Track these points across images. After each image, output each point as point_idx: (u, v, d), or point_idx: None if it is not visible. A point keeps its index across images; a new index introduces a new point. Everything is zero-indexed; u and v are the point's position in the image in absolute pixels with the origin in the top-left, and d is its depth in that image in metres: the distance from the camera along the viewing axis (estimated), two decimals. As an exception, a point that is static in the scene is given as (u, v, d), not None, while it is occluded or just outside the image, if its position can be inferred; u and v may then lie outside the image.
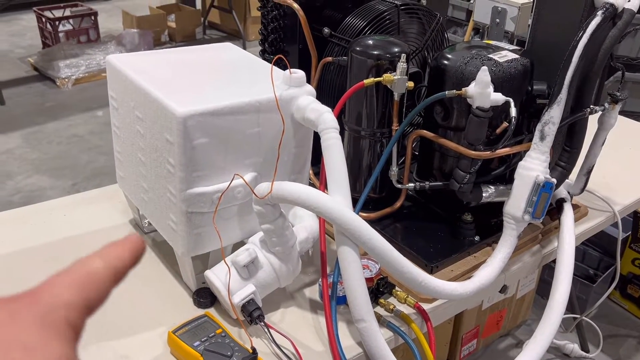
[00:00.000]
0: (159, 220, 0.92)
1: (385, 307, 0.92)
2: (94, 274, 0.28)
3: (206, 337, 0.80)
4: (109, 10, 5.48)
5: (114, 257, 0.29)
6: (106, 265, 0.29)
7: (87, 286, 0.28)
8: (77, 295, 0.27)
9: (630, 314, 2.06)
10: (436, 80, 1.01)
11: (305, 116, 0.86)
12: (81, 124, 3.38)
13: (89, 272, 0.28)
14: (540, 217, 0.94)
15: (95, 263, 0.29)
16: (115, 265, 0.29)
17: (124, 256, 0.30)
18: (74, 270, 0.28)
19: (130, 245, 0.30)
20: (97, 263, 0.29)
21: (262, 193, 0.81)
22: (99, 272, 0.28)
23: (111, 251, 0.30)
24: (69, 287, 0.27)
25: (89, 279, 0.28)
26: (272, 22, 1.15)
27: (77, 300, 0.27)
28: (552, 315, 0.99)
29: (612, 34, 0.94)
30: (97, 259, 0.29)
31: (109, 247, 0.30)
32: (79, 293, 0.27)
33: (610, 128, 1.07)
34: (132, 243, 0.30)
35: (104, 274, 0.28)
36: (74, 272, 0.28)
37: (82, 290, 0.27)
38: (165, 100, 0.79)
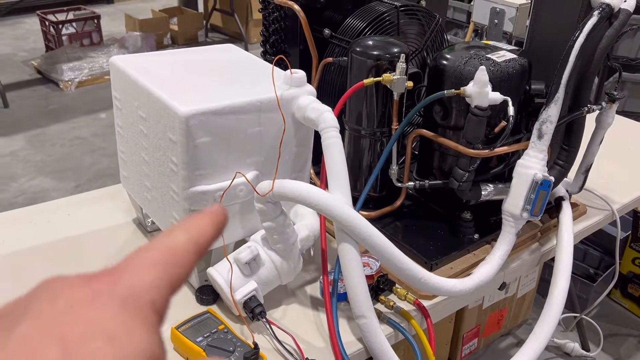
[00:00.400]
0: (162, 218, 0.93)
1: (386, 304, 0.93)
2: (177, 248, 0.26)
3: (209, 333, 0.81)
4: (111, 13, 5.51)
5: (196, 229, 0.27)
6: (189, 238, 0.27)
7: (170, 263, 0.26)
8: (162, 275, 0.25)
9: (630, 313, 2.06)
10: (435, 80, 1.02)
11: (305, 115, 0.88)
12: (84, 127, 3.40)
13: (172, 247, 0.26)
14: (538, 215, 0.95)
15: (178, 237, 0.27)
16: (198, 237, 0.27)
17: (207, 228, 0.28)
18: (155, 246, 0.26)
19: (212, 217, 0.28)
20: (179, 237, 0.27)
21: (263, 191, 0.82)
22: (182, 247, 0.26)
23: (193, 224, 0.28)
24: (153, 266, 0.25)
25: (173, 255, 0.26)
26: (273, 23, 1.17)
27: (161, 280, 0.25)
28: (551, 312, 1.00)
29: (609, 33, 0.95)
30: (179, 232, 0.27)
31: (191, 219, 0.28)
32: (163, 272, 0.25)
33: (607, 127, 1.08)
34: (214, 214, 0.28)
35: (187, 248, 0.27)
36: (156, 248, 0.26)
37: (166, 268, 0.25)
38: (168, 100, 0.81)
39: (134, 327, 0.23)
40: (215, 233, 0.28)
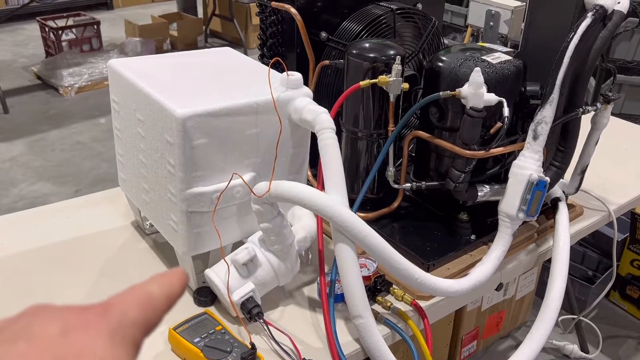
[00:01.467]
0: (160, 220, 0.94)
1: (383, 305, 0.94)
2: (153, 297, 0.30)
3: (206, 334, 0.82)
4: (111, 19, 5.53)
5: (167, 283, 0.31)
6: (162, 290, 0.30)
7: (148, 307, 0.29)
8: (142, 315, 0.29)
9: (629, 314, 2.07)
10: (431, 81, 1.03)
11: (302, 117, 0.88)
12: (84, 132, 3.41)
13: (149, 295, 0.30)
14: (534, 216, 0.96)
15: (153, 287, 0.30)
16: (169, 291, 0.31)
17: (175, 284, 0.31)
18: (136, 291, 0.30)
19: (178, 275, 0.32)
20: (154, 287, 0.30)
21: (260, 192, 0.83)
22: (157, 296, 0.30)
23: (164, 278, 0.31)
24: (135, 306, 0.29)
25: (150, 301, 0.30)
26: (270, 27, 1.18)
27: (141, 319, 0.29)
28: (548, 313, 1.00)
29: (603, 35, 0.96)
30: (153, 283, 0.31)
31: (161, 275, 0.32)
32: (143, 313, 0.29)
33: (603, 128, 1.09)
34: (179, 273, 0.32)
35: (160, 298, 0.30)
36: (136, 293, 0.30)
37: (145, 310, 0.29)
38: (165, 102, 0.81)
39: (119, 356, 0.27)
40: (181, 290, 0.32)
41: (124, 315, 0.28)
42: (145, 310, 0.29)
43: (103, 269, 1.03)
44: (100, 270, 1.02)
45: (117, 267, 1.03)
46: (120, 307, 0.29)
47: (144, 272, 1.02)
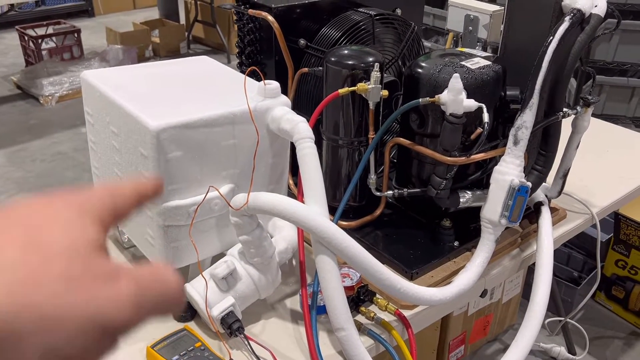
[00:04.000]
0: (137, 234, 0.92)
1: (366, 315, 0.92)
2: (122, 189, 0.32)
3: (185, 351, 0.80)
4: (92, 27, 5.48)
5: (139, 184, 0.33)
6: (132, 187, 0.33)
7: (117, 196, 0.32)
8: (108, 199, 0.31)
9: (615, 315, 2.07)
10: (410, 88, 1.02)
11: (280, 127, 0.87)
12: (65, 141, 3.36)
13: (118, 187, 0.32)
14: (516, 221, 0.95)
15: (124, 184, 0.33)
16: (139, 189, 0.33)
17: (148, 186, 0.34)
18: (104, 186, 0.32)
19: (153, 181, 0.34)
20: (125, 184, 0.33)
21: (238, 204, 0.81)
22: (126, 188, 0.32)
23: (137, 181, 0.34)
24: (101, 190, 0.31)
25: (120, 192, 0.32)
26: (248, 34, 1.16)
27: (109, 203, 0.31)
28: (533, 318, 1.00)
29: (581, 38, 0.95)
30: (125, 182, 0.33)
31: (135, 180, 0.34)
32: (109, 197, 0.31)
33: (583, 131, 1.08)
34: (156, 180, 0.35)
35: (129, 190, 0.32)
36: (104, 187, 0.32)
37: (113, 197, 0.31)
38: (139, 114, 0.80)
39: (87, 224, 0.28)
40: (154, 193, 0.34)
41: (90, 196, 0.30)
42: (113, 197, 0.31)
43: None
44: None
45: (94, 282, 1.01)
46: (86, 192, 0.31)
47: (122, 287, 1.00)
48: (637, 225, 1.93)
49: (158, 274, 0.29)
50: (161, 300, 0.29)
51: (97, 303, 0.26)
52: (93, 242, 0.28)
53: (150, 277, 0.29)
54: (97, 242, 0.28)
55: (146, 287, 0.28)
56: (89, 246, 0.27)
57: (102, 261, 0.28)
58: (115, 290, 0.27)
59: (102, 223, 0.30)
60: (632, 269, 1.99)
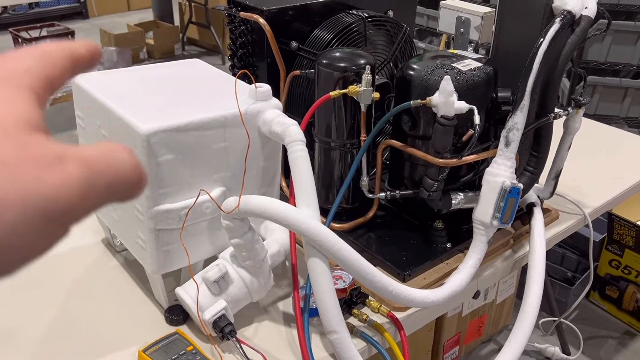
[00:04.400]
0: (129, 238, 0.91)
1: (359, 317, 0.92)
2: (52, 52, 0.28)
3: (177, 355, 0.79)
4: (86, 29, 5.47)
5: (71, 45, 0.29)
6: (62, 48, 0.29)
7: (46, 60, 0.28)
8: (39, 65, 0.27)
9: (609, 314, 2.08)
10: (402, 90, 1.02)
11: (271, 129, 0.87)
12: (59, 144, 3.35)
13: (47, 50, 0.28)
14: (508, 223, 0.95)
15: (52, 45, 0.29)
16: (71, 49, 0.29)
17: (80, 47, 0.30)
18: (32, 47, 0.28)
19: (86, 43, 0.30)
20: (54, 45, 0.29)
21: (229, 208, 0.81)
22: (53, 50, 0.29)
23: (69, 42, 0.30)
24: (30, 57, 0.27)
25: (48, 55, 0.28)
26: (240, 37, 1.16)
27: (38, 70, 0.27)
28: (526, 318, 1.00)
29: (571, 40, 0.96)
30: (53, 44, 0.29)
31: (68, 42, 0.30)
32: (40, 63, 0.27)
33: (575, 132, 1.09)
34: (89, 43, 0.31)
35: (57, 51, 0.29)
36: (32, 48, 0.28)
37: (42, 61, 0.28)
38: (129, 118, 0.79)
39: (15, 98, 0.25)
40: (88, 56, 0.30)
41: (18, 63, 0.27)
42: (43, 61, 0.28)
43: (72, 287, 1.00)
44: (69, 290, 0.99)
45: (86, 285, 1.01)
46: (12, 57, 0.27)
47: (114, 290, 0.99)
48: (630, 225, 1.93)
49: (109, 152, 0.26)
50: (115, 182, 0.26)
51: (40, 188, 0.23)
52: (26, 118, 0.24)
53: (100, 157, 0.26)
54: (32, 117, 0.25)
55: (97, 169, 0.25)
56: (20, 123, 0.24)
57: (40, 141, 0.24)
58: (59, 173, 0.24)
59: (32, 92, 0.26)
60: (626, 268, 2.00)
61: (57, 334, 0.90)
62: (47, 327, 0.91)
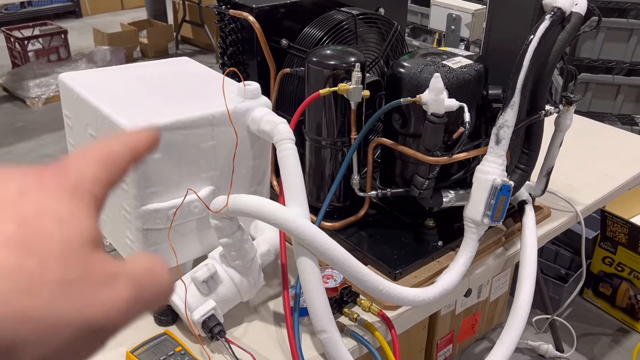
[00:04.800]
0: (117, 238, 0.91)
1: (350, 317, 0.92)
2: (114, 153, 0.29)
3: (165, 356, 0.79)
4: (80, 28, 5.44)
5: (133, 139, 0.30)
6: (125, 144, 0.30)
7: (109, 162, 0.29)
8: (101, 171, 0.28)
9: (603, 312, 2.08)
10: (393, 88, 1.02)
11: (260, 128, 0.86)
12: (52, 144, 3.33)
13: (110, 151, 0.29)
14: (499, 220, 0.95)
15: (115, 144, 0.30)
16: (134, 146, 0.30)
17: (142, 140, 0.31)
18: (96, 148, 0.29)
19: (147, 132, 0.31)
20: (117, 144, 0.30)
21: (217, 207, 0.80)
22: (119, 151, 0.29)
23: (130, 135, 0.31)
24: (94, 163, 0.28)
25: (111, 156, 0.29)
26: (230, 35, 1.15)
27: (101, 175, 0.28)
28: (518, 316, 1.00)
29: (562, 37, 0.95)
30: (117, 141, 0.30)
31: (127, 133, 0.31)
32: (102, 168, 0.28)
33: (566, 129, 1.08)
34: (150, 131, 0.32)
35: (124, 153, 0.30)
36: (96, 150, 0.29)
37: (105, 165, 0.29)
38: (115, 117, 0.79)
39: (79, 213, 0.26)
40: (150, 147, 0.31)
41: (82, 172, 0.28)
42: (106, 165, 0.29)
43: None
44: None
45: (75, 287, 1.00)
46: (77, 165, 0.28)
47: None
48: (623, 222, 1.94)
49: (154, 272, 0.28)
50: (153, 300, 0.28)
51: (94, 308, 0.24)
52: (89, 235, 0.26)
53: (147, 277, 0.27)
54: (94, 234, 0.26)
55: (143, 288, 0.27)
56: (85, 241, 0.25)
57: (99, 259, 0.26)
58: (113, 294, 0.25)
59: (95, 202, 0.28)
60: (619, 265, 2.00)
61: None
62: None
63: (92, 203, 0.27)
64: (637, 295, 1.97)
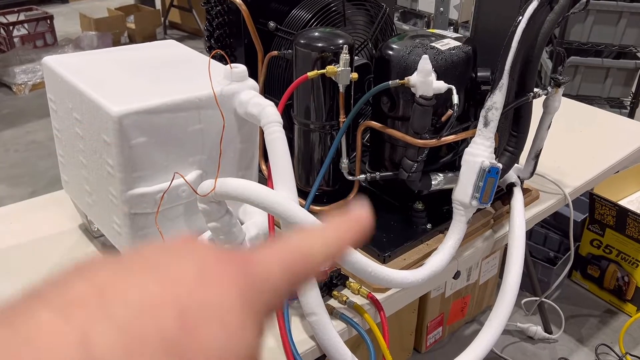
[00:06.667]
0: (104, 223, 0.90)
1: (339, 299, 0.92)
2: (311, 261, 0.25)
3: (154, 340, 0.78)
4: (66, 13, 5.37)
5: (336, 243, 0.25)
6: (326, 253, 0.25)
7: (297, 273, 0.24)
8: (286, 280, 0.24)
9: (591, 293, 2.11)
10: (381, 70, 1.01)
11: (247, 111, 0.85)
12: (40, 130, 3.30)
13: (306, 255, 0.25)
14: (487, 202, 0.95)
15: (315, 245, 0.25)
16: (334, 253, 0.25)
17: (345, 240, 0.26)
18: (293, 249, 0.25)
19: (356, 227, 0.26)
20: (317, 246, 0.25)
21: (205, 191, 0.80)
22: (316, 261, 0.25)
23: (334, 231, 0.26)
24: (282, 268, 0.24)
25: (304, 263, 0.24)
26: (216, 17, 1.14)
27: (283, 285, 0.24)
28: (506, 298, 1.00)
29: (550, 18, 0.95)
30: (319, 239, 0.25)
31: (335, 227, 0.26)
32: (288, 277, 0.24)
33: (554, 111, 1.08)
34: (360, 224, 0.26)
35: (319, 263, 0.25)
36: (293, 251, 0.25)
37: (292, 275, 0.24)
38: (100, 100, 0.77)
39: (246, 324, 0.22)
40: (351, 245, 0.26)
41: (267, 275, 0.23)
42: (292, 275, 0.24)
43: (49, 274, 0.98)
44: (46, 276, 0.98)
45: (63, 273, 0.99)
46: (265, 264, 0.24)
47: (92, 277, 0.98)
48: (611, 205, 1.95)
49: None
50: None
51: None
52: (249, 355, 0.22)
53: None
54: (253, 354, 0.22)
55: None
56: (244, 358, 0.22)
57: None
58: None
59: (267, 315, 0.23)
60: (607, 248, 2.02)
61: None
62: (22, 314, 0.90)
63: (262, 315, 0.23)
64: (625, 277, 1.99)
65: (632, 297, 1.99)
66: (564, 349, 1.88)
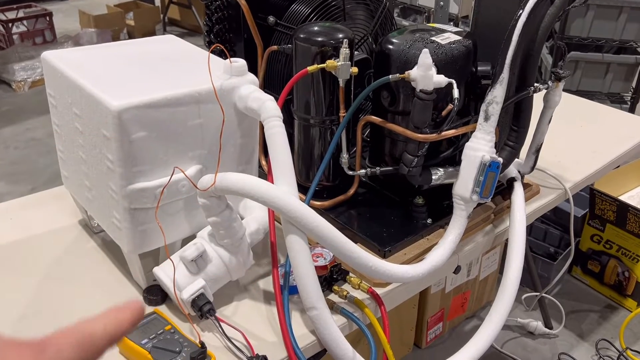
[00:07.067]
0: (104, 218, 0.90)
1: (339, 294, 0.92)
2: (95, 337, 0.31)
3: (154, 335, 0.78)
4: (65, 10, 5.36)
5: (115, 323, 0.32)
6: (106, 330, 0.31)
7: (86, 348, 0.30)
8: (77, 356, 0.30)
9: (591, 289, 2.11)
10: (381, 65, 1.01)
11: (247, 105, 0.85)
12: (39, 127, 3.30)
13: (91, 334, 0.31)
14: (488, 197, 0.95)
15: (97, 326, 0.31)
16: (114, 331, 0.32)
17: (124, 323, 0.32)
18: (78, 329, 0.31)
19: (131, 313, 0.33)
20: (98, 327, 0.31)
21: (205, 185, 0.80)
22: (99, 336, 0.31)
23: (113, 316, 0.32)
24: (72, 347, 0.30)
25: (90, 342, 0.31)
26: (216, 12, 1.14)
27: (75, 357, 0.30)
28: (507, 292, 1.00)
29: (551, 11, 0.94)
30: (99, 323, 0.31)
31: (112, 312, 0.32)
32: (79, 354, 0.30)
33: (555, 106, 1.08)
34: (133, 310, 0.33)
35: (102, 338, 0.31)
36: (78, 331, 0.31)
37: (82, 351, 0.30)
38: (100, 94, 0.77)
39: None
40: (130, 328, 0.32)
41: (59, 354, 0.29)
42: (83, 350, 0.30)
43: (49, 270, 0.98)
44: (46, 272, 0.98)
45: (64, 267, 0.99)
46: (57, 346, 0.29)
47: (92, 272, 0.98)
48: (611, 200, 1.95)
49: None
50: None
51: None
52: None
53: None
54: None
55: None
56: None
57: None
58: None
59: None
60: (607, 243, 2.02)
61: (34, 315, 0.89)
62: (24, 308, 0.89)
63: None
64: (625, 272, 1.99)
65: (632, 292, 1.99)
66: (564, 344, 1.88)
